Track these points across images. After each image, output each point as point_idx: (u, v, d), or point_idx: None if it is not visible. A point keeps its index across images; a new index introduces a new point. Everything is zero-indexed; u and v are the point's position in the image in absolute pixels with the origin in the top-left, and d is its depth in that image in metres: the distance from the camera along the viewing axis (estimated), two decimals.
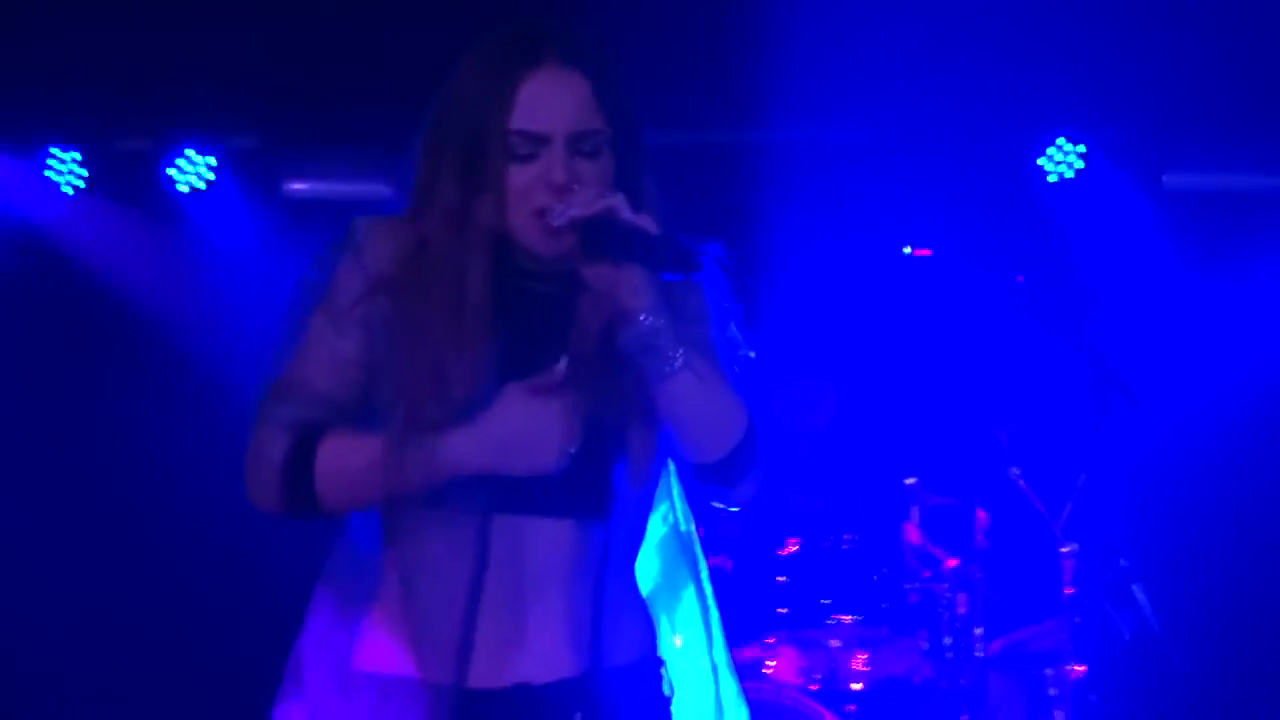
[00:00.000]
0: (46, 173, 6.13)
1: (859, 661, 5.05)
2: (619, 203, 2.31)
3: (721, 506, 2.58)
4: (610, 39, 2.55)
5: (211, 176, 6.13)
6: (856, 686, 5.08)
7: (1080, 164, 6.02)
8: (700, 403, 2.36)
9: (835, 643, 5.09)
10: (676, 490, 2.91)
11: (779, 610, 5.17)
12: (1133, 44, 5.61)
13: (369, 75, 5.84)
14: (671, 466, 2.60)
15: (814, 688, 5.04)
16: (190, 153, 6.10)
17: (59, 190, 6.16)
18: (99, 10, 5.65)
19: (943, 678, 5.13)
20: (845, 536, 5.17)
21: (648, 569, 2.77)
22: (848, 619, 5.10)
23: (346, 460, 2.36)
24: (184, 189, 6.13)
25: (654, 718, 2.51)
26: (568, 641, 2.41)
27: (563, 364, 2.32)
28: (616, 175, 2.43)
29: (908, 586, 5.20)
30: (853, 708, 5.07)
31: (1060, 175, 6.04)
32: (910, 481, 5.31)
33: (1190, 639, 5.26)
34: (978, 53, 5.42)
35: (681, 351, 2.33)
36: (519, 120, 2.38)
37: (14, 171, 6.13)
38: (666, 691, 2.55)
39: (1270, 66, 5.64)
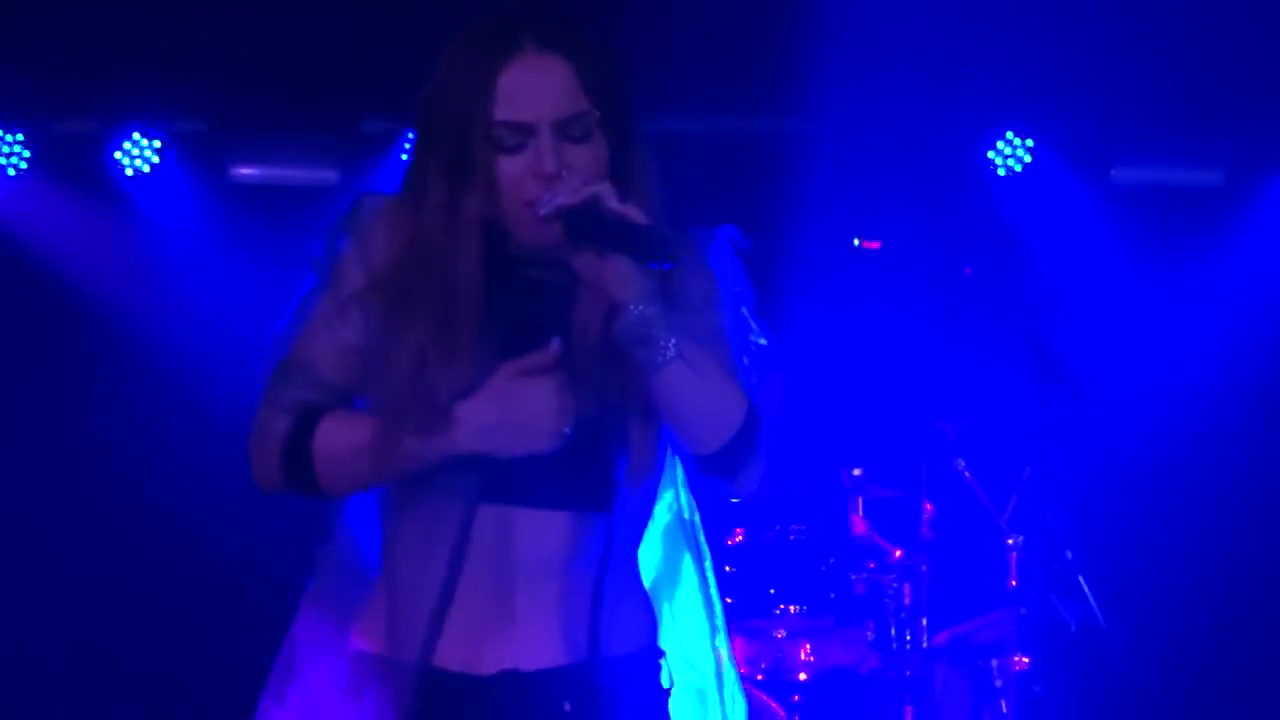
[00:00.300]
0: None
1: (805, 651, 5.04)
2: (604, 191, 2.28)
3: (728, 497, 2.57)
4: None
5: (157, 160, 6.10)
6: (802, 677, 5.09)
7: (1028, 158, 6.05)
8: (694, 393, 2.34)
9: (781, 633, 5.08)
10: (681, 478, 2.89)
11: (725, 600, 5.15)
12: (1081, 39, 5.64)
13: (318, 60, 5.83)
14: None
15: (760, 677, 5.05)
16: (136, 135, 6.08)
17: (3, 172, 6.11)
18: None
19: (888, 668, 5.15)
20: (792, 527, 5.17)
21: (650, 557, 2.75)
22: (794, 609, 5.11)
23: (343, 442, 2.36)
24: (130, 172, 6.10)
25: (651, 709, 2.50)
26: (562, 631, 2.40)
27: (555, 344, 2.30)
28: (611, 156, 2.40)
29: (854, 577, 5.20)
30: (798, 698, 5.07)
31: (1009, 169, 6.07)
32: (856, 473, 5.30)
33: (1136, 631, 5.29)
34: (928, 47, 5.44)
35: (674, 341, 2.30)
36: (502, 111, 2.35)
37: None
38: (665, 684, 2.54)
39: (1218, 61, 5.68)
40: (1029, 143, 6.03)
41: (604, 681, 2.40)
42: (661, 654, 2.55)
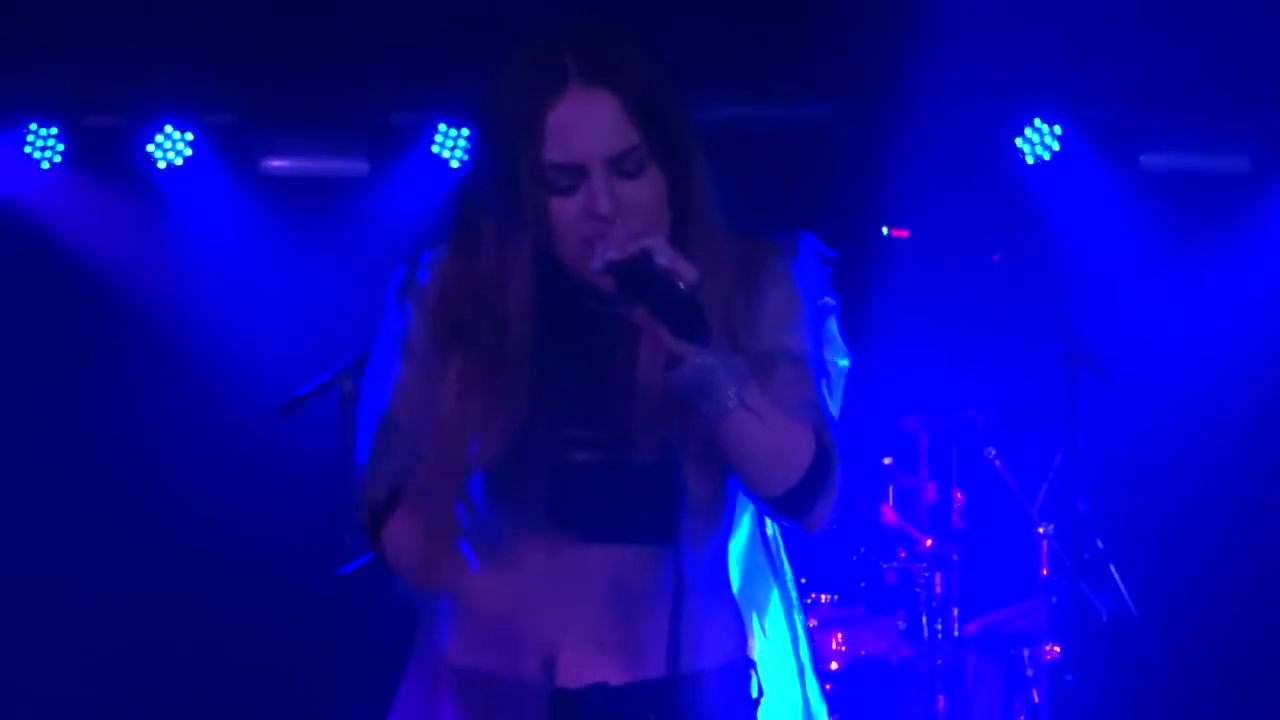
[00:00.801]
0: (25, 148, 6.09)
1: (836, 641, 5.03)
2: (654, 245, 2.23)
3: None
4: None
5: (189, 153, 6.10)
6: (834, 666, 5.08)
7: (1056, 145, 6.04)
8: (758, 441, 2.30)
9: (813, 622, 5.05)
10: None
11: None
12: (1108, 26, 5.64)
13: (348, 53, 5.82)
14: None
15: None
16: (168, 129, 6.08)
17: (37, 165, 6.12)
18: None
19: (920, 657, 5.13)
20: None
21: (735, 570, 2.75)
22: (825, 599, 5.11)
23: (399, 548, 2.42)
24: (162, 165, 6.10)
25: (740, 719, 2.50)
26: (643, 649, 2.40)
27: None
28: (669, 185, 2.36)
29: (885, 566, 5.18)
30: (830, 687, 5.04)
31: (1037, 156, 6.05)
32: (887, 461, 5.29)
33: (1168, 621, 5.26)
34: (956, 35, 5.40)
35: (735, 390, 2.25)
36: (552, 153, 2.31)
37: None
38: (755, 693, 2.54)
39: (1244, 50, 5.66)
40: (1057, 130, 6.03)
41: (686, 695, 2.41)
42: (752, 665, 2.55)
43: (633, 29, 2.41)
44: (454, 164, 6.00)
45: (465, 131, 6.00)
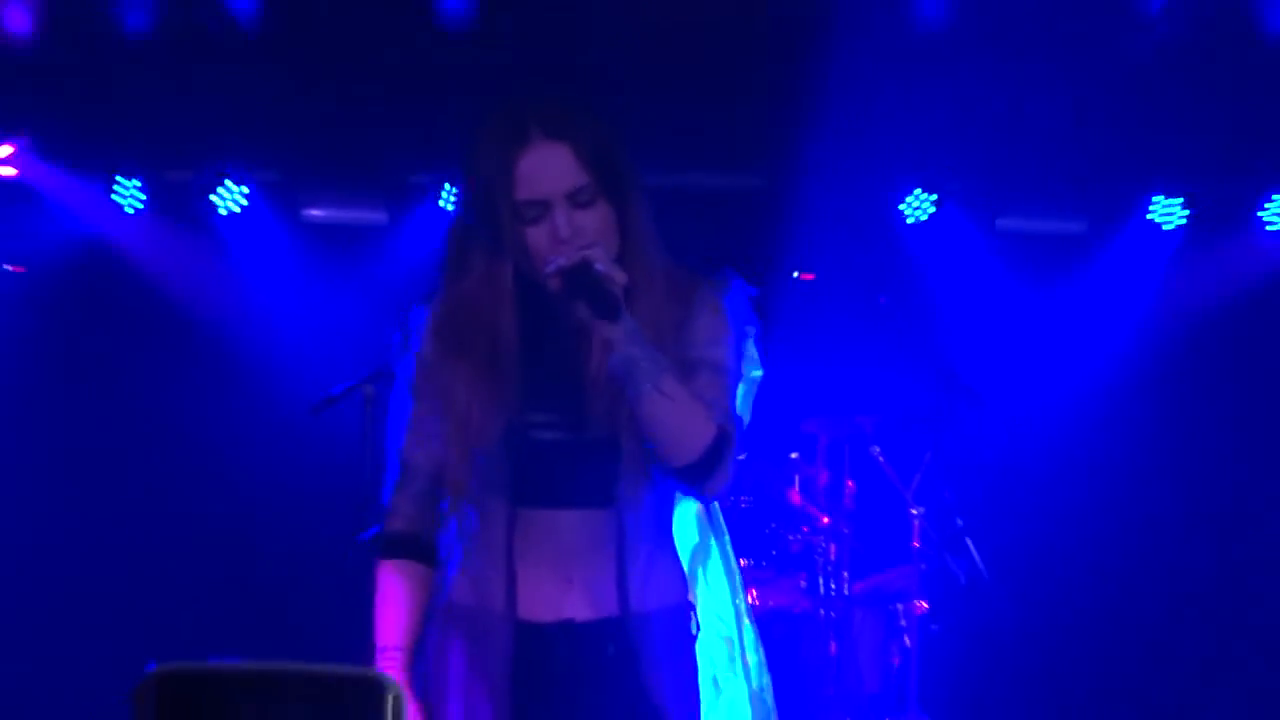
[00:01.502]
0: (113, 196, 6.07)
1: (752, 595, 5.02)
2: (594, 255, 2.28)
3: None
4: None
5: (245, 203, 6.09)
6: (746, 617, 5.06)
7: (931, 209, 6.05)
8: (666, 419, 2.32)
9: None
10: None
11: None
12: (972, 117, 5.65)
13: (373, 124, 5.84)
14: None
15: None
16: (228, 183, 6.07)
17: (123, 211, 6.11)
18: (157, 67, 5.61)
19: (817, 610, 5.15)
20: (742, 498, 5.17)
21: (686, 535, 2.75)
22: (744, 562, 5.09)
23: (382, 585, 2.50)
24: (223, 212, 6.10)
25: (682, 652, 2.51)
26: (598, 593, 2.43)
27: None
28: (615, 215, 2.40)
29: (790, 538, 5.20)
30: None
31: (916, 218, 6.07)
32: (794, 456, 5.31)
33: (1012, 581, 5.30)
34: (853, 122, 5.45)
35: (653, 377, 2.29)
36: (522, 193, 2.35)
37: (88, 195, 6.07)
38: (694, 630, 2.54)
39: (1078, 135, 5.70)
40: (932, 198, 6.03)
41: (639, 629, 2.43)
42: (692, 608, 2.55)
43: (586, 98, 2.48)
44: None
45: None
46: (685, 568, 2.66)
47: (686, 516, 2.93)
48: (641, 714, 2.41)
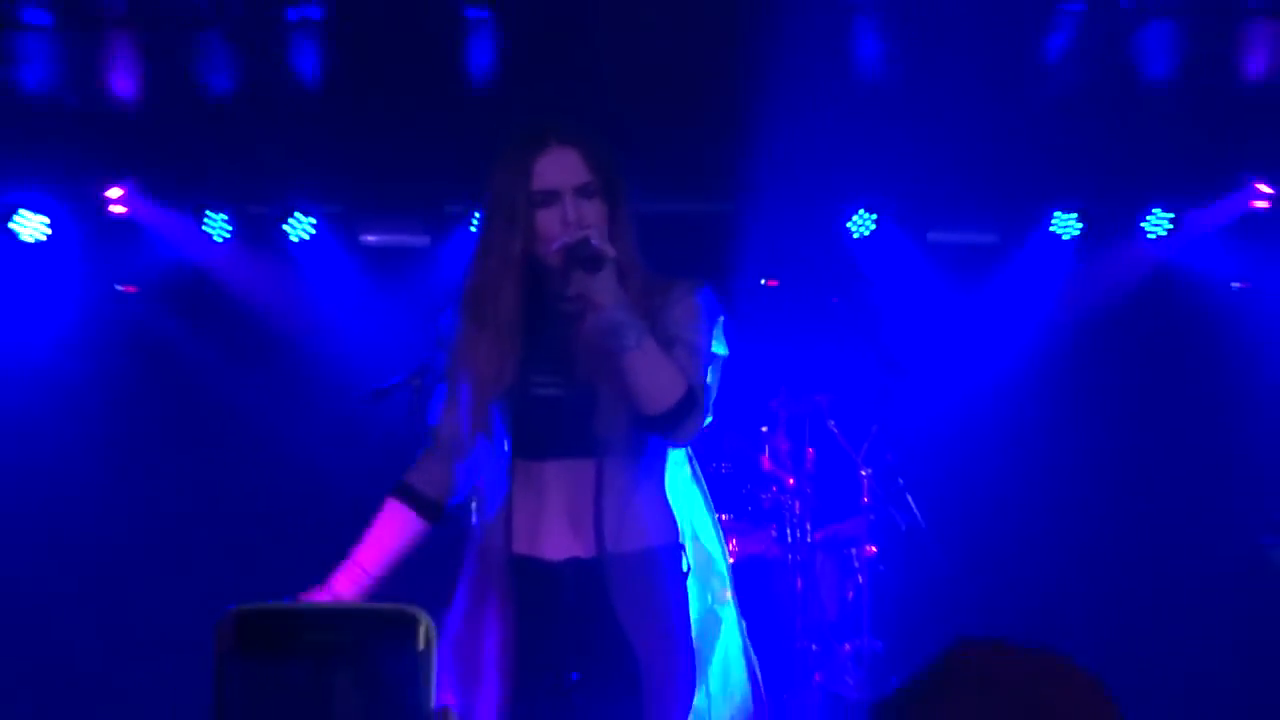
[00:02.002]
0: (204, 227, 6.10)
1: (731, 545, 5.07)
2: (592, 234, 2.33)
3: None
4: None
5: (313, 231, 6.11)
6: (729, 560, 5.07)
7: (874, 226, 6.07)
8: (644, 373, 2.32)
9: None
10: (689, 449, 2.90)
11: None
12: (906, 147, 5.66)
13: (417, 163, 5.86)
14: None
15: None
16: (298, 214, 6.09)
17: (212, 239, 6.13)
18: (239, 120, 5.67)
19: (785, 555, 5.16)
20: (722, 464, 5.20)
21: (678, 491, 2.76)
22: (724, 517, 5.11)
23: (373, 523, 2.52)
24: (295, 239, 6.12)
25: (656, 589, 2.44)
26: (577, 535, 2.41)
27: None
28: (607, 210, 2.44)
29: (763, 496, 5.23)
30: None
31: (861, 234, 6.10)
32: (764, 429, 5.35)
33: (942, 526, 5.35)
34: (806, 154, 5.47)
35: (635, 337, 2.30)
36: (537, 184, 2.41)
37: (183, 227, 6.10)
38: (685, 568, 2.51)
39: (991, 160, 5.71)
40: (874, 216, 6.06)
41: (609, 569, 2.39)
42: (681, 548, 2.52)
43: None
44: None
45: None
46: (678, 516, 2.61)
47: (675, 467, 2.96)
48: (613, 643, 2.37)
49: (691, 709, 2.47)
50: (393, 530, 2.50)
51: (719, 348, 2.53)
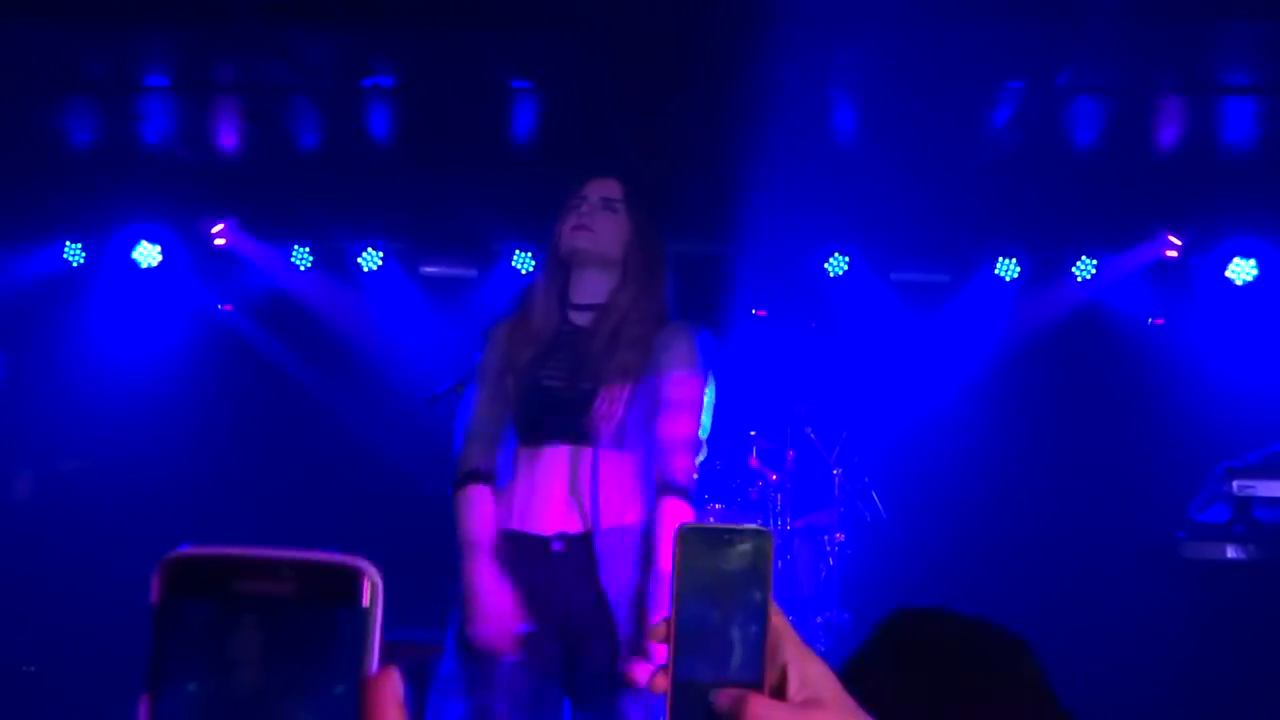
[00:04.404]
0: (292, 258, 6.13)
1: None
2: None
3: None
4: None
5: (381, 262, 6.14)
6: None
7: (846, 266, 6.07)
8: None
9: (711, 520, 5.05)
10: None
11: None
12: (874, 200, 5.65)
13: (465, 210, 5.85)
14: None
15: None
16: (370, 250, 6.11)
17: (297, 269, 6.16)
18: (320, 169, 5.68)
19: None
20: (717, 462, 5.17)
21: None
22: (717, 506, 5.11)
23: (460, 506, 2.33)
24: (366, 269, 6.14)
25: (639, 559, 2.30)
26: (574, 511, 2.30)
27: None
28: (632, 229, 2.38)
29: (750, 489, 5.19)
30: None
31: (835, 273, 6.08)
32: (752, 433, 5.31)
33: (901, 518, 5.31)
34: (789, 204, 5.46)
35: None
36: (576, 194, 2.40)
37: (273, 257, 6.16)
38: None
39: (943, 211, 5.70)
40: (846, 258, 6.05)
41: (602, 541, 2.28)
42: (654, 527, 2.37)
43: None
44: (523, 272, 6.00)
45: (529, 254, 6.02)
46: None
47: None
48: (597, 607, 2.27)
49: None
50: (485, 507, 2.35)
51: (710, 395, 2.46)
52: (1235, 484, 3.62)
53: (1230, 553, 3.67)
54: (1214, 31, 4.11)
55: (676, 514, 2.25)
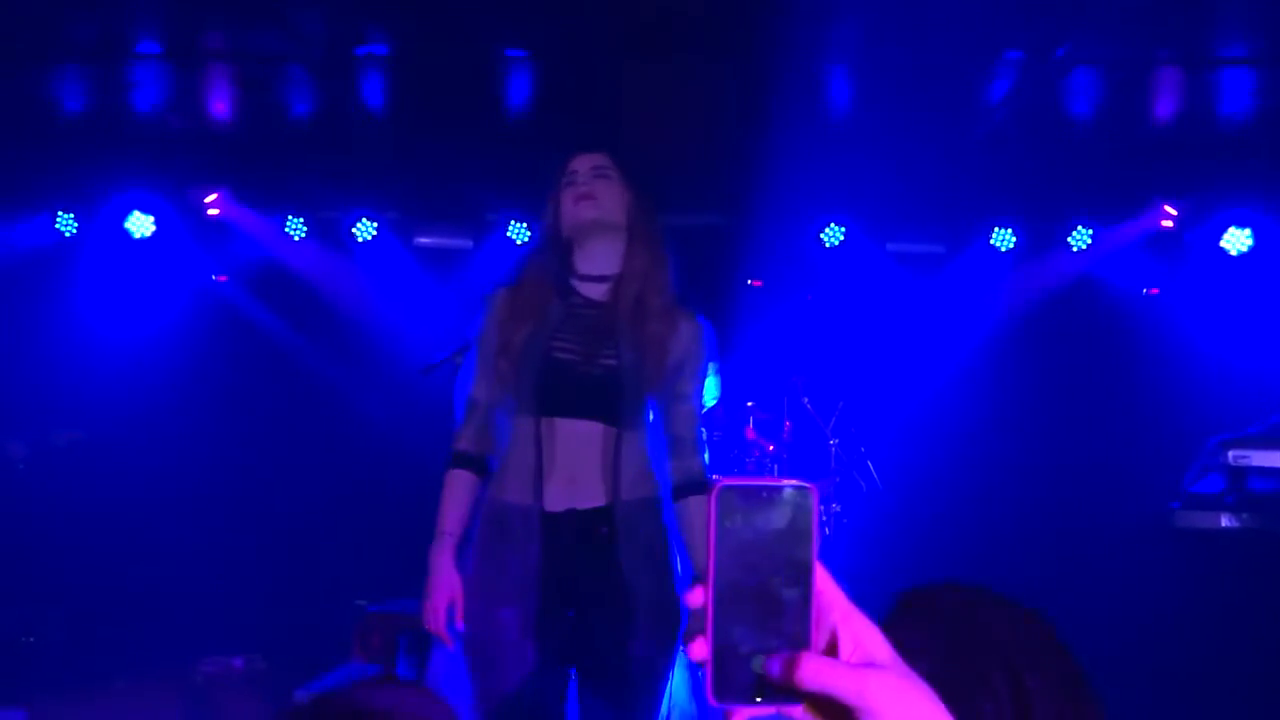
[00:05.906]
0: (286, 229, 6.10)
1: None
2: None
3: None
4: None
5: (375, 234, 6.11)
6: None
7: (842, 237, 6.05)
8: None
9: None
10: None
11: None
12: (870, 172, 5.64)
13: (459, 181, 5.86)
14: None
15: None
16: (364, 220, 6.08)
17: (291, 239, 6.13)
18: (315, 139, 5.65)
19: None
20: (716, 433, 5.19)
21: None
22: (715, 477, 5.10)
23: (444, 494, 2.34)
24: (360, 240, 6.12)
25: (657, 531, 2.32)
26: (597, 486, 2.27)
27: None
28: (631, 197, 2.37)
29: (747, 460, 5.20)
30: None
31: (832, 243, 6.07)
32: (749, 404, 5.32)
33: (896, 488, 5.33)
34: (787, 177, 5.45)
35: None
36: (566, 171, 2.39)
37: (267, 227, 6.12)
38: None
39: (938, 184, 5.70)
40: (842, 229, 6.03)
41: (620, 514, 2.27)
42: (667, 500, 2.38)
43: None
44: (519, 242, 5.99)
45: (524, 225, 6.02)
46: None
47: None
48: (613, 579, 2.26)
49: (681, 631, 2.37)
50: (462, 495, 2.34)
51: (713, 360, 2.46)
52: (1231, 454, 3.65)
53: (1224, 521, 3.72)
54: (1211, 3, 4.11)
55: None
